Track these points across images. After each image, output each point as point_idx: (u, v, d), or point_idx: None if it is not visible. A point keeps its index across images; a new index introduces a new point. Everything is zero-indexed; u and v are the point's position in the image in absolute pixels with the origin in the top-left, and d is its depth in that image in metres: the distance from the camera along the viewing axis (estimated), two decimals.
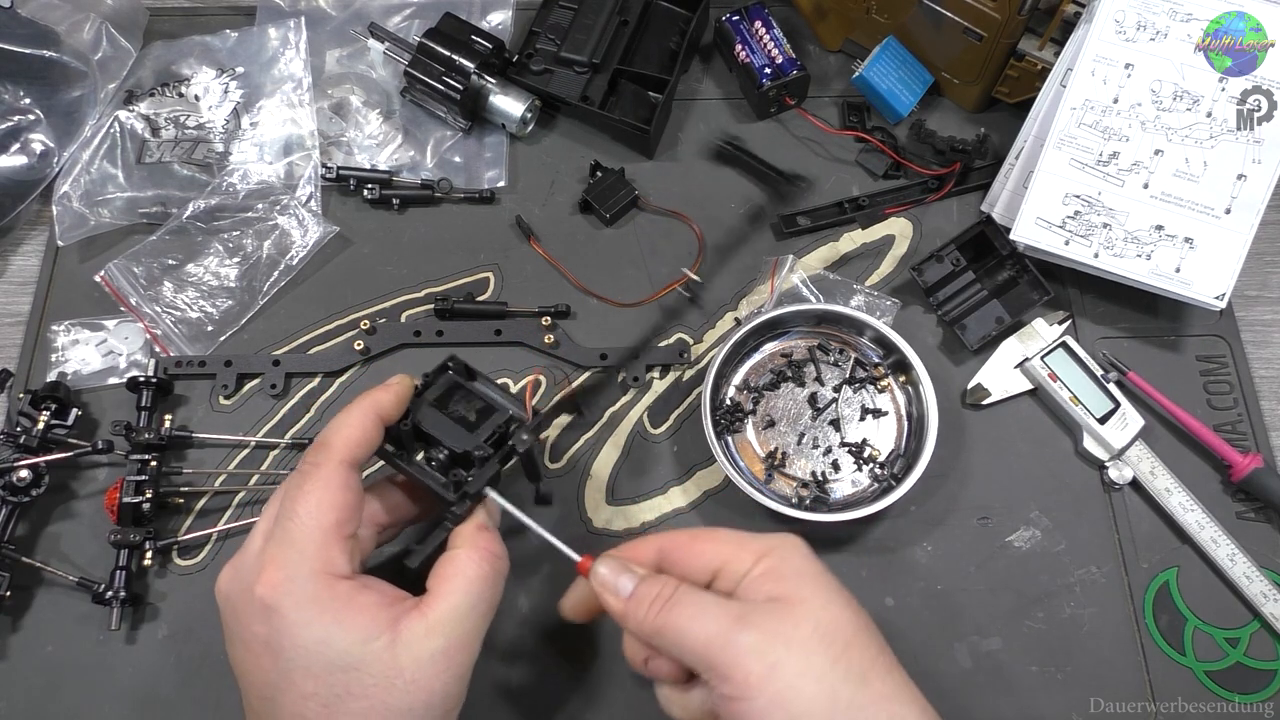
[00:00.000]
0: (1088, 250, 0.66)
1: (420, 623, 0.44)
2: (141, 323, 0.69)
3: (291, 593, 0.42)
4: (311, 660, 0.42)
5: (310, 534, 0.43)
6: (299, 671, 0.42)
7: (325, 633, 0.42)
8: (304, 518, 0.44)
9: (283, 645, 0.42)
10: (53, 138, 0.74)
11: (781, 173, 0.75)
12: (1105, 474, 0.65)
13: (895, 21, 0.75)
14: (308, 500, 0.44)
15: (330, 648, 0.42)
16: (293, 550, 0.43)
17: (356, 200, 0.75)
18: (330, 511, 0.44)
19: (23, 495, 0.62)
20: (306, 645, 0.42)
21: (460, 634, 0.44)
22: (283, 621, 0.42)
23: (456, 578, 0.46)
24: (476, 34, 0.75)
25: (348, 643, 0.42)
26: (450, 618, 0.44)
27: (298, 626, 0.42)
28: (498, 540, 0.49)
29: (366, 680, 0.42)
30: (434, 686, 0.43)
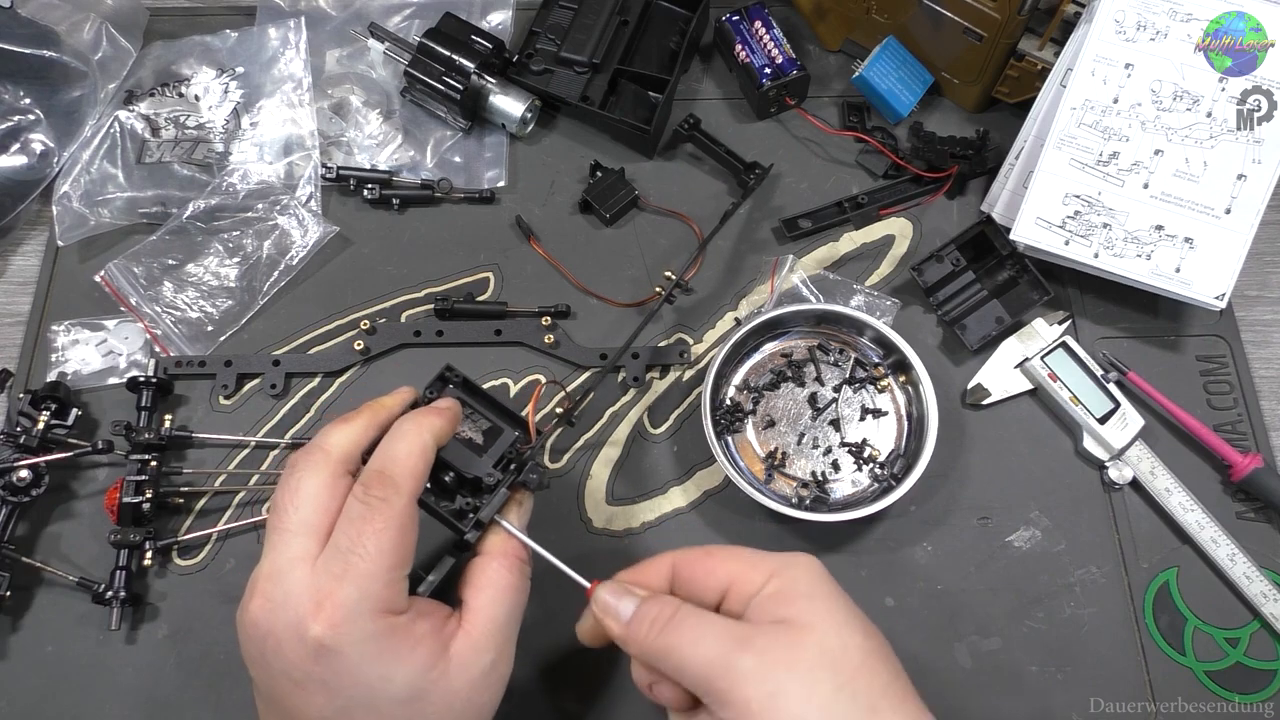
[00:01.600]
0: (1088, 250, 0.66)
1: (468, 642, 0.44)
2: (141, 323, 0.69)
3: (354, 634, 0.41)
4: (374, 696, 0.41)
5: (378, 575, 0.41)
6: (360, 709, 0.41)
7: (387, 670, 0.41)
8: (374, 558, 0.41)
9: (342, 684, 0.41)
10: (53, 138, 0.74)
11: (742, 160, 0.74)
12: (1105, 474, 0.65)
13: (895, 21, 0.75)
14: (380, 540, 0.42)
15: (392, 684, 0.41)
16: (355, 590, 0.41)
17: (356, 200, 0.75)
18: (398, 552, 0.42)
19: (23, 495, 0.62)
20: (369, 683, 0.41)
21: (501, 643, 0.45)
22: (344, 662, 0.41)
23: (490, 588, 0.46)
24: (476, 34, 0.75)
25: (409, 676, 0.42)
26: (492, 630, 0.45)
27: (359, 666, 0.41)
28: (523, 545, 0.49)
29: (428, 709, 0.42)
30: (485, 699, 0.45)
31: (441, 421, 0.47)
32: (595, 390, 0.68)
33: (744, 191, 0.73)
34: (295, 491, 0.43)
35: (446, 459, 0.49)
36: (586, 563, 0.63)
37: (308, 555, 0.42)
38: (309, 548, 0.42)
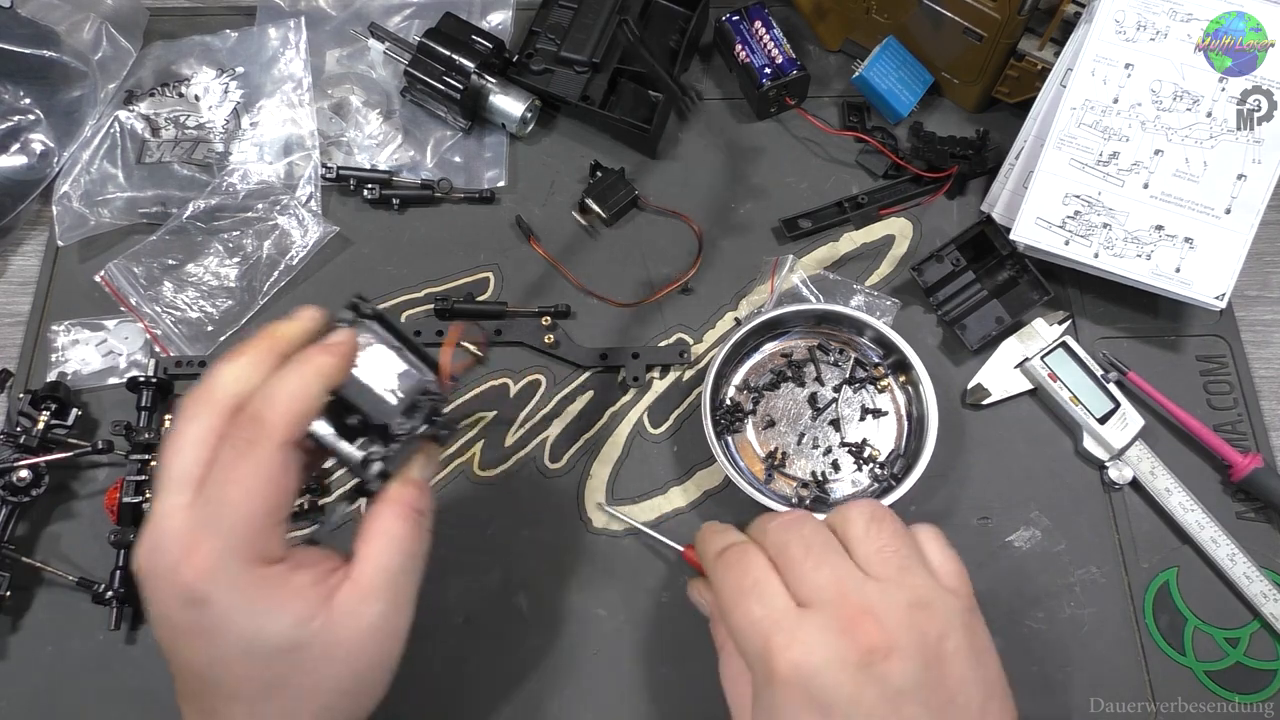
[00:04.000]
0: (1088, 250, 0.66)
1: (354, 592, 0.41)
2: (141, 323, 0.69)
3: (222, 582, 0.39)
4: (248, 647, 0.39)
5: (244, 522, 0.39)
6: (236, 659, 0.40)
7: (261, 621, 0.39)
8: (238, 505, 0.39)
9: (217, 633, 0.39)
10: (53, 138, 0.74)
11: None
12: (1105, 474, 0.65)
13: (895, 21, 0.75)
14: (242, 486, 0.39)
15: (267, 634, 0.39)
16: (221, 539, 0.39)
17: (356, 200, 0.75)
18: (266, 499, 0.39)
19: (23, 495, 0.62)
20: (242, 634, 0.39)
21: (393, 595, 0.42)
22: (215, 611, 0.39)
23: (381, 538, 0.43)
24: (476, 34, 0.75)
25: (284, 627, 0.39)
26: (381, 581, 0.42)
27: (231, 616, 0.39)
28: (422, 493, 0.45)
29: (306, 660, 0.40)
30: (373, 652, 0.42)
31: (333, 360, 0.43)
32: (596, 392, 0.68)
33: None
34: (176, 439, 0.41)
35: (352, 400, 0.44)
36: (586, 562, 0.64)
37: (184, 504, 0.39)
38: (187, 497, 0.39)
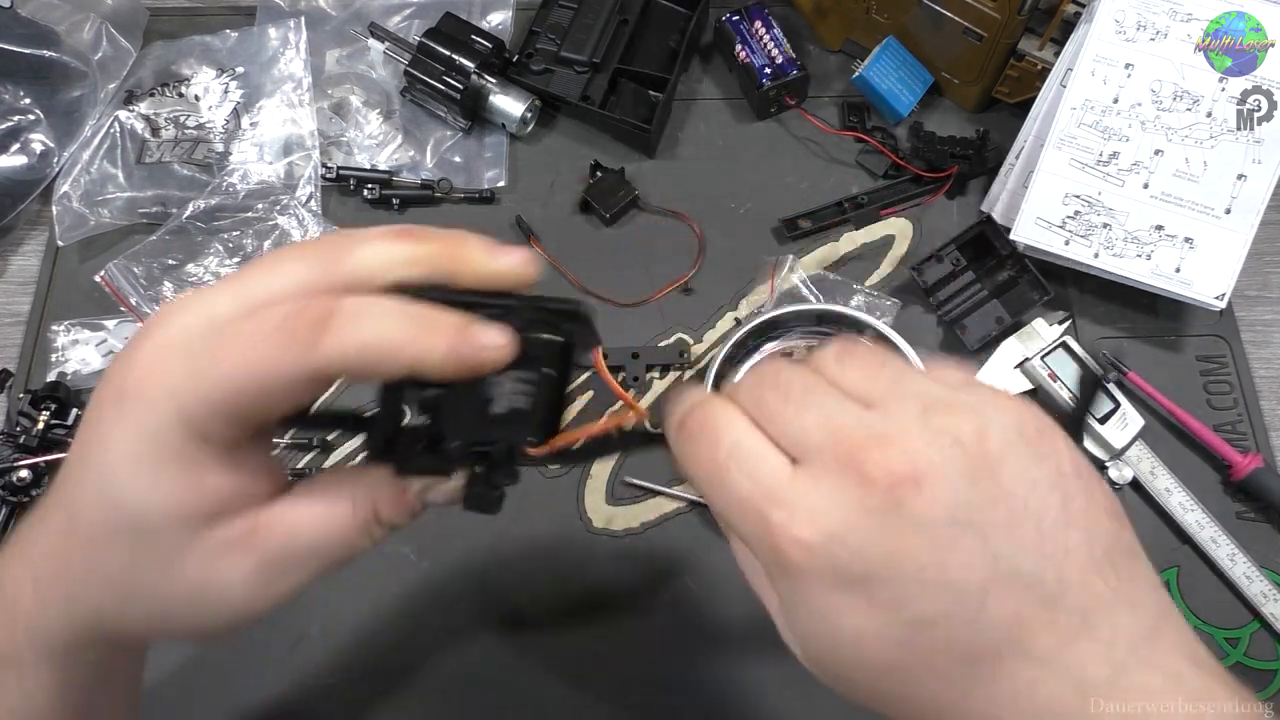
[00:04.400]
0: (1088, 250, 0.66)
1: (232, 536, 0.32)
2: (141, 322, 0.69)
3: (148, 420, 0.30)
4: (104, 485, 0.31)
5: (217, 388, 0.29)
6: (92, 483, 0.32)
7: (144, 491, 0.31)
8: (233, 367, 0.29)
9: (97, 452, 0.31)
10: (53, 138, 0.74)
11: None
12: (1105, 474, 0.65)
13: (895, 21, 0.75)
14: (251, 356, 0.29)
15: (138, 501, 0.31)
16: (187, 380, 0.29)
17: (356, 200, 0.75)
18: (260, 390, 0.30)
19: (23, 495, 0.62)
20: (121, 483, 0.31)
21: (269, 574, 0.32)
22: (110, 441, 0.31)
23: (324, 517, 0.33)
24: (476, 34, 0.75)
25: (157, 507, 0.31)
26: (275, 549, 0.32)
27: (121, 460, 0.31)
28: (404, 511, 0.35)
29: (132, 549, 0.32)
30: (194, 600, 0.32)
31: (471, 353, 0.30)
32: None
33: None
34: (269, 264, 0.31)
35: (446, 397, 0.33)
36: (586, 562, 0.64)
37: (213, 317, 0.30)
38: (221, 314, 0.30)
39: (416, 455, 0.33)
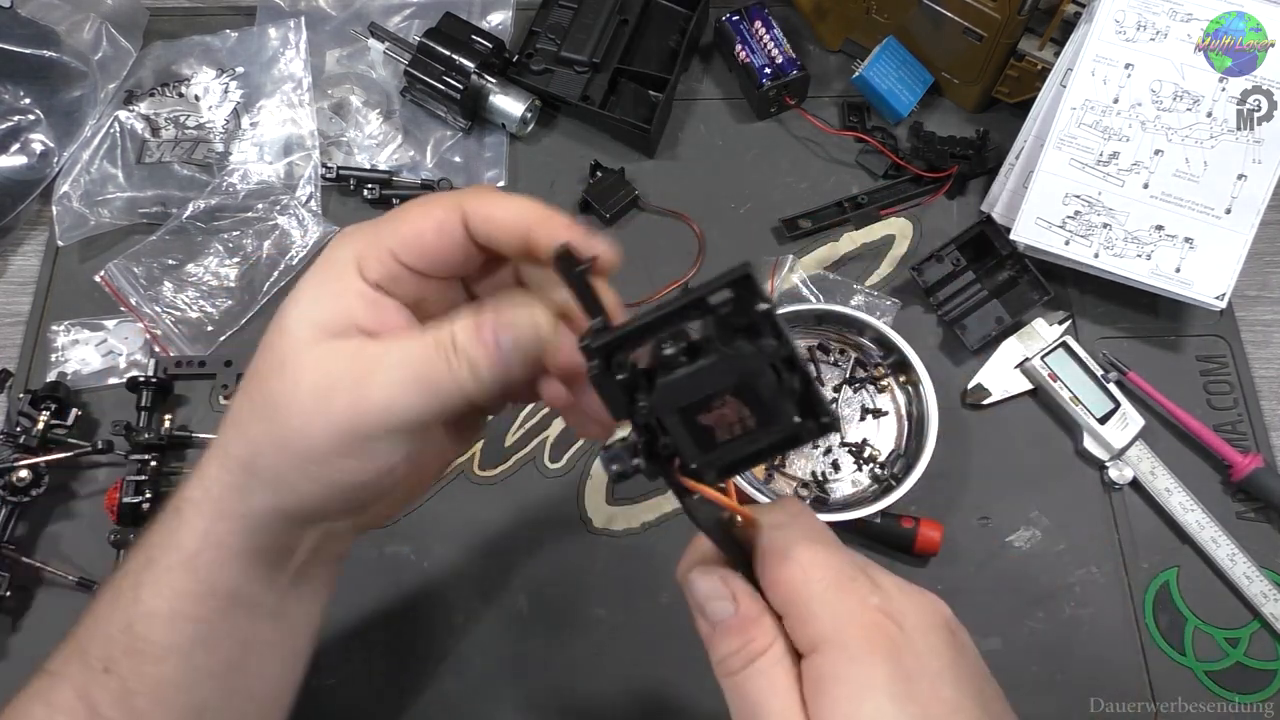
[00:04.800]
0: (1088, 250, 0.66)
1: (383, 349, 0.34)
2: (141, 323, 0.69)
3: (333, 255, 0.36)
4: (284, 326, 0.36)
5: (389, 234, 0.36)
6: (266, 342, 0.36)
7: (300, 305, 0.36)
8: (402, 217, 0.36)
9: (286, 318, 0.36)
10: (53, 138, 0.74)
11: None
12: (1105, 474, 0.65)
13: (895, 21, 0.75)
14: (418, 212, 0.36)
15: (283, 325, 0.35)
16: (377, 230, 0.36)
17: (356, 200, 0.75)
18: (428, 233, 0.36)
19: (23, 495, 0.62)
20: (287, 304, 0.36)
21: (375, 393, 0.34)
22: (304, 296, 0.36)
23: (418, 352, 0.34)
24: (476, 34, 0.75)
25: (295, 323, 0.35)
26: (386, 384, 0.34)
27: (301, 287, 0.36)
28: (476, 341, 0.34)
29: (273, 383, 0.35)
30: (323, 430, 0.34)
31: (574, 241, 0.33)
32: None
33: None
34: (409, 207, 0.36)
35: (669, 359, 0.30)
36: (586, 562, 0.64)
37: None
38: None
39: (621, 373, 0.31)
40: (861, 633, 0.31)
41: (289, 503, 0.36)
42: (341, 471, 0.35)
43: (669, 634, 0.61)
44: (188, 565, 0.37)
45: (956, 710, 0.32)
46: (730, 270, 0.30)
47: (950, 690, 0.32)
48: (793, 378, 0.31)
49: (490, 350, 0.34)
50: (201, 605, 0.37)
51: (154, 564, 0.37)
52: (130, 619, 0.37)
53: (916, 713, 0.30)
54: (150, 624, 0.37)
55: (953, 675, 0.33)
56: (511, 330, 0.34)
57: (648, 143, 0.75)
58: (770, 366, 0.30)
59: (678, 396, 0.30)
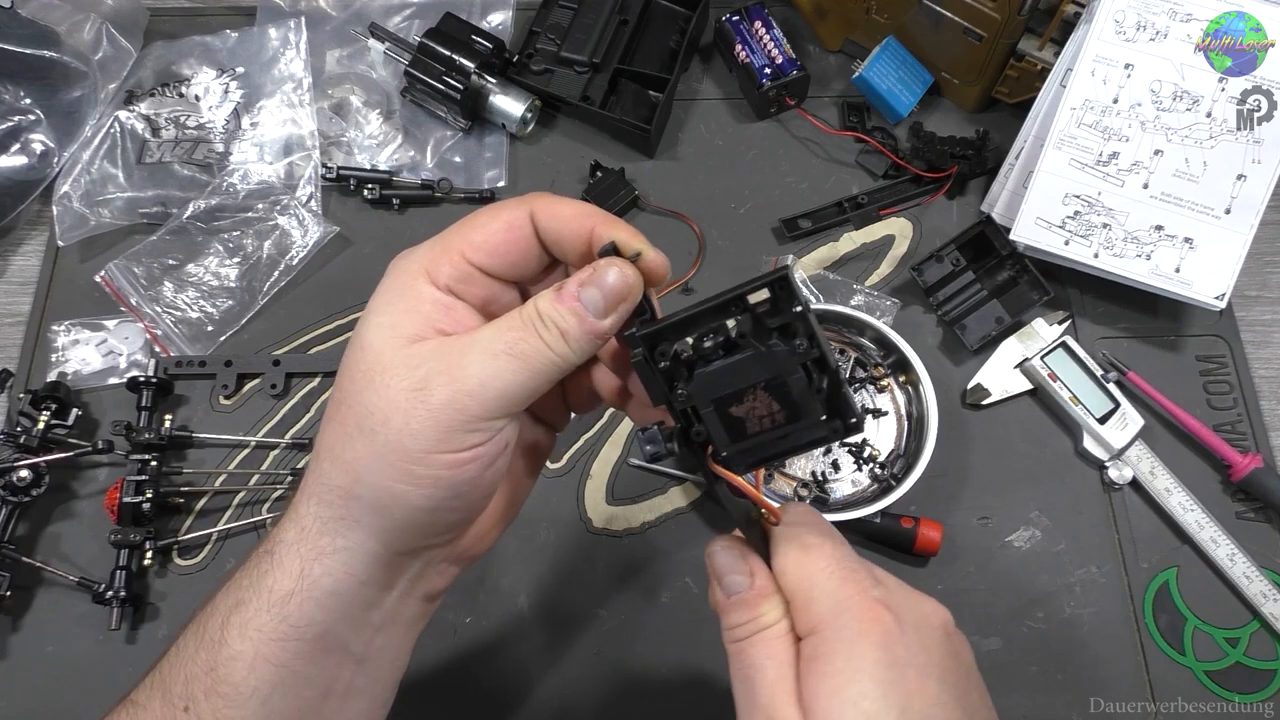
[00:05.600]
0: (1088, 250, 0.66)
1: (456, 351, 0.35)
2: (141, 323, 0.69)
3: (409, 262, 0.38)
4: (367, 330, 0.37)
5: (459, 241, 0.38)
6: (348, 358, 0.37)
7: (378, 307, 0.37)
8: (469, 230, 0.38)
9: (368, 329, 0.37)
10: (53, 138, 0.74)
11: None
12: (1105, 474, 0.65)
13: (895, 21, 0.75)
14: (487, 223, 0.37)
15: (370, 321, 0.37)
16: (455, 238, 0.38)
17: (356, 200, 0.75)
18: (491, 246, 0.37)
19: (23, 495, 0.62)
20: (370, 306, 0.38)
21: (464, 377, 0.34)
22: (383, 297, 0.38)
23: (512, 337, 0.35)
24: (476, 34, 0.75)
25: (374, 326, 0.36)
26: (473, 384, 0.34)
27: (384, 308, 0.37)
28: (558, 304, 0.35)
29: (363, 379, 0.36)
30: (415, 438, 0.34)
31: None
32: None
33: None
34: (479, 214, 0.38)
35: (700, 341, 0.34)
36: (586, 562, 0.64)
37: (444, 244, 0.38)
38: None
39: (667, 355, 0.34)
40: (858, 619, 0.33)
41: (395, 523, 0.36)
42: (446, 466, 0.35)
43: (669, 634, 0.61)
44: (278, 607, 0.37)
45: (938, 704, 0.33)
46: (771, 271, 0.32)
47: (935, 686, 0.33)
48: (822, 378, 0.33)
49: (576, 309, 0.35)
50: (286, 649, 0.37)
51: (243, 606, 0.37)
52: (215, 661, 0.37)
53: (898, 700, 0.32)
54: (232, 667, 0.37)
55: (940, 672, 0.34)
56: (594, 285, 0.35)
57: (648, 143, 0.75)
58: (802, 366, 0.32)
59: (714, 387, 0.33)
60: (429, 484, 0.35)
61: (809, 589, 0.35)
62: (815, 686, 0.33)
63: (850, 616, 0.34)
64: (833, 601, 0.34)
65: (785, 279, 0.32)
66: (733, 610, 0.36)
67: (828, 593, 0.34)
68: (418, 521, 0.36)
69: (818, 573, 0.35)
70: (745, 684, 0.35)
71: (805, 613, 0.35)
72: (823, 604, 0.34)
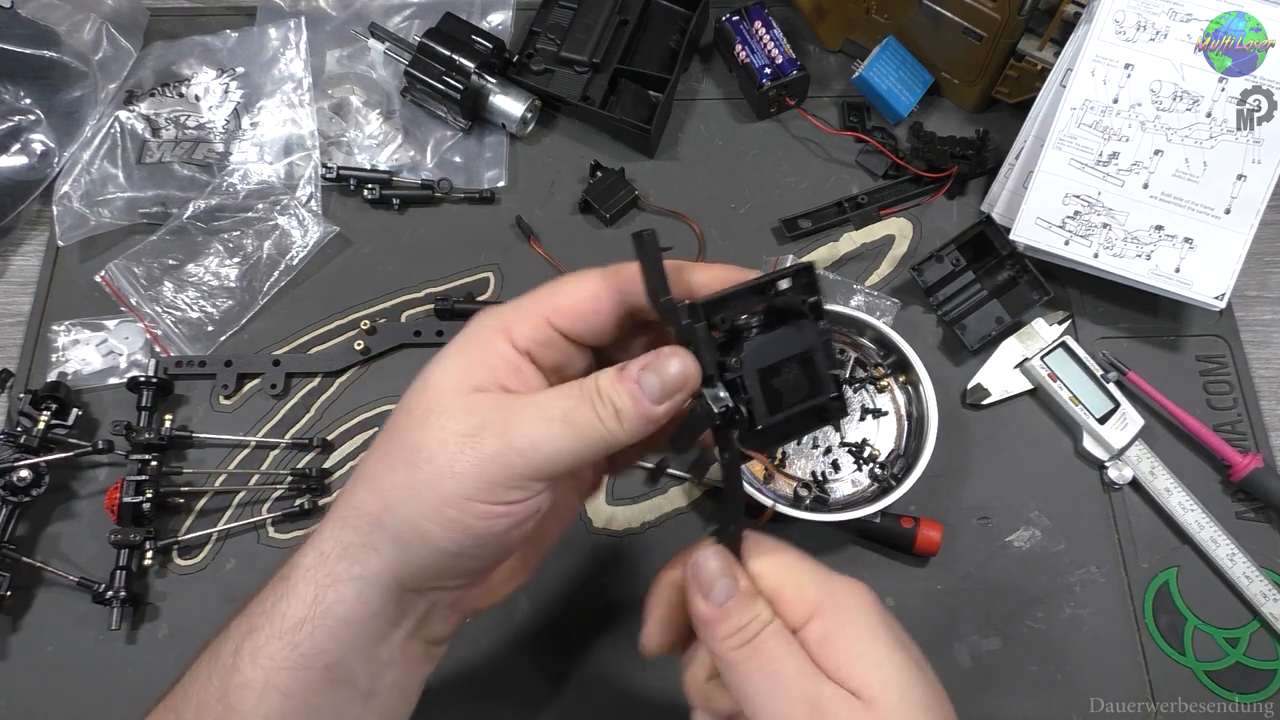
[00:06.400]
0: (1088, 250, 0.66)
1: (499, 416, 0.35)
2: (142, 323, 0.69)
3: (473, 332, 0.39)
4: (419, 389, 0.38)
5: (524, 315, 0.38)
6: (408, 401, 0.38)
7: (437, 370, 0.38)
8: (538, 300, 0.38)
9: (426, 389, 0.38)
10: (53, 138, 0.74)
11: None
12: (1105, 474, 0.65)
13: (895, 21, 0.75)
14: (561, 291, 0.38)
15: (421, 384, 0.37)
16: (521, 310, 0.38)
17: (356, 200, 0.75)
18: (561, 313, 0.38)
19: (23, 495, 0.62)
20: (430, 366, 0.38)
21: (518, 463, 0.35)
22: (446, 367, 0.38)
23: (566, 405, 0.36)
24: (477, 34, 0.75)
25: (428, 382, 0.37)
26: (524, 444, 0.35)
27: (446, 369, 0.38)
28: (620, 390, 0.36)
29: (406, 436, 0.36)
30: (454, 493, 0.35)
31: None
32: None
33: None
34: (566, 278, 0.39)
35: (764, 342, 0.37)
36: (586, 562, 0.64)
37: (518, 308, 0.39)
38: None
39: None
40: (850, 595, 0.37)
41: (412, 559, 0.36)
42: (479, 516, 0.35)
43: None
44: (290, 635, 0.37)
45: (923, 663, 0.37)
46: (797, 263, 0.37)
47: (914, 646, 0.38)
48: (828, 359, 0.37)
49: (634, 391, 0.35)
50: (296, 678, 0.37)
51: (256, 632, 0.38)
52: (226, 688, 0.38)
53: (909, 653, 0.36)
54: (243, 695, 0.37)
55: (908, 635, 0.38)
56: (655, 371, 0.35)
57: (648, 143, 0.75)
58: (823, 343, 0.37)
59: (759, 358, 0.36)
60: (458, 529, 0.35)
61: (795, 581, 0.38)
62: (841, 658, 0.35)
63: (843, 594, 0.37)
64: (821, 585, 0.37)
65: (810, 269, 0.37)
66: (729, 616, 0.36)
67: (813, 580, 0.38)
68: (436, 563, 0.37)
69: (795, 566, 0.38)
70: (768, 680, 0.35)
71: (798, 602, 0.37)
72: (813, 589, 0.37)
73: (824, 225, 0.74)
